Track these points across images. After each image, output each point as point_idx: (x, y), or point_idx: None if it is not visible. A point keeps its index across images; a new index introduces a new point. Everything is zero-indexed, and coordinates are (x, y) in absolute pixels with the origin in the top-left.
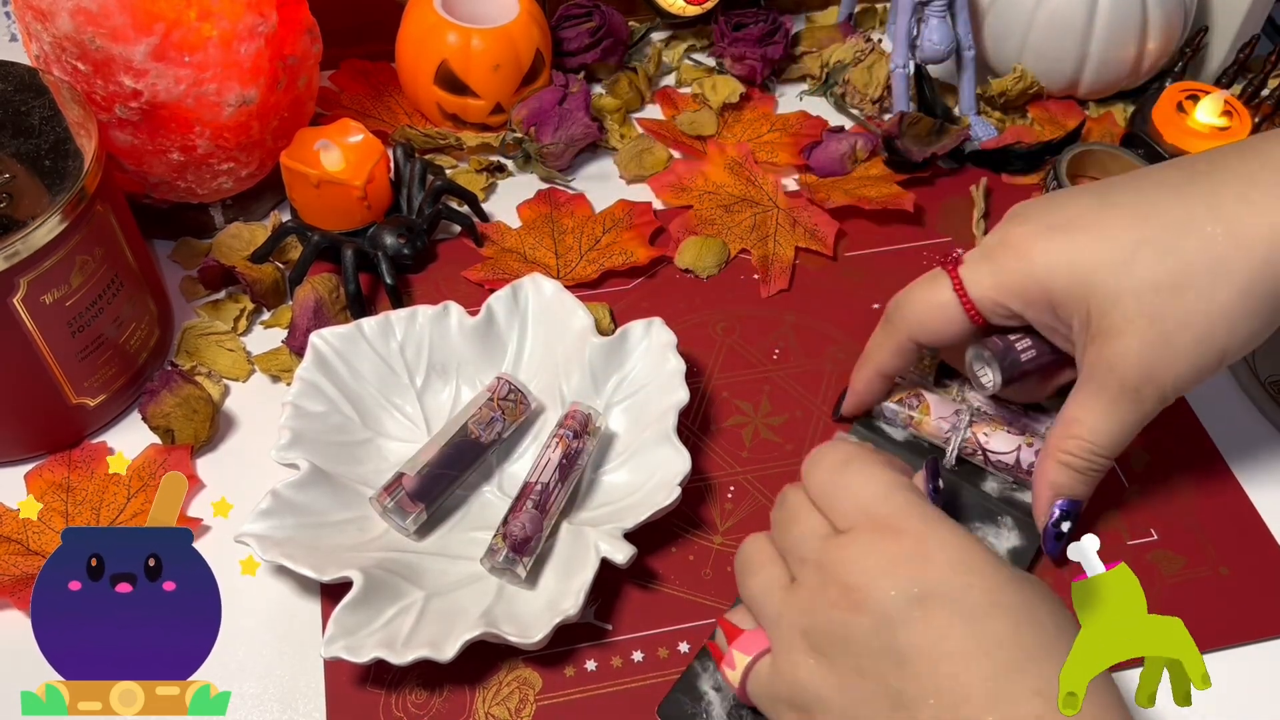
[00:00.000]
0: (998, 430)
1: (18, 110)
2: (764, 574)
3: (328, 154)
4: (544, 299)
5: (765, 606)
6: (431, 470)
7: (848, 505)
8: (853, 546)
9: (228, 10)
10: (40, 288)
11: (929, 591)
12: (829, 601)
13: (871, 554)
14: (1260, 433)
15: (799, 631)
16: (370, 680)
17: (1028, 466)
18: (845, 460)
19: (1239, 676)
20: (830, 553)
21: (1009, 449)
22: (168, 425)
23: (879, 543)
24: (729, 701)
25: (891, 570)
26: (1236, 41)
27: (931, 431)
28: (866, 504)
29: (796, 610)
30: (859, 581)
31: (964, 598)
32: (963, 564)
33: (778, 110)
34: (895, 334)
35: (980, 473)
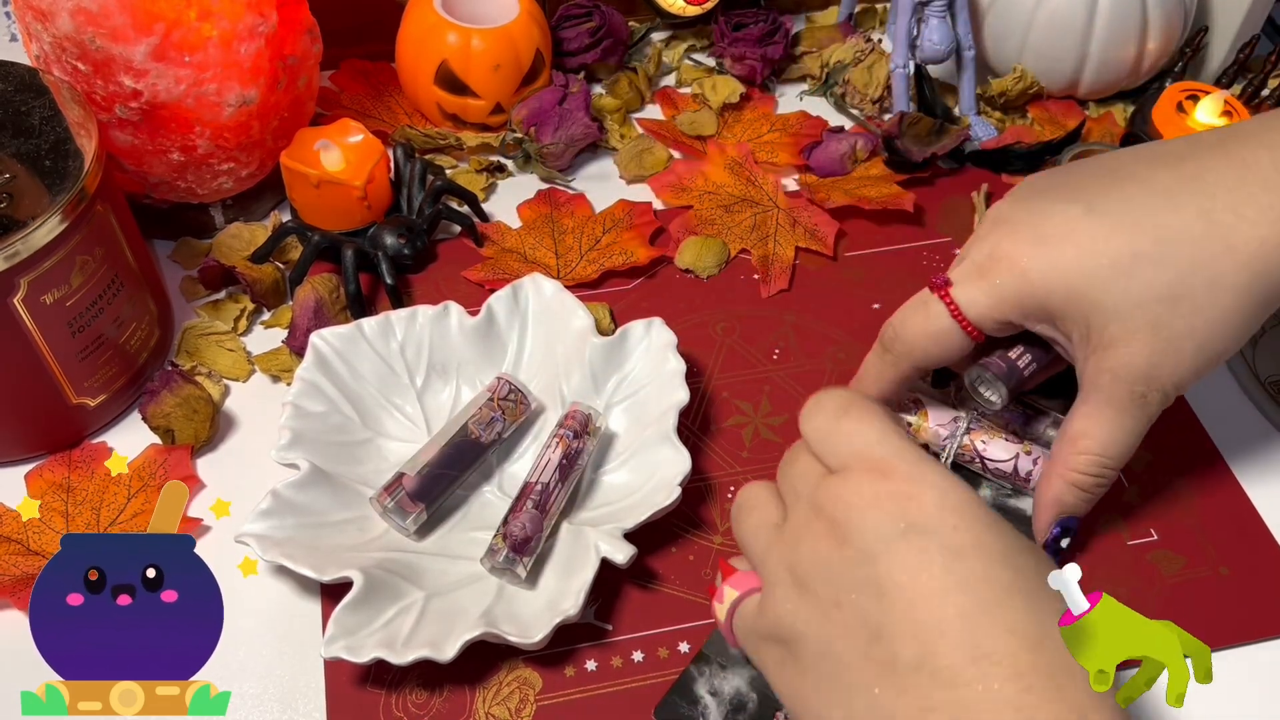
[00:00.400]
0: (995, 438)
1: (18, 110)
2: (757, 514)
3: (328, 154)
4: (544, 299)
5: (755, 544)
6: (431, 470)
7: (843, 449)
8: (844, 484)
9: (228, 10)
10: (40, 288)
11: (913, 526)
12: (815, 534)
13: (861, 491)
14: (1260, 433)
15: (785, 566)
16: (370, 680)
17: (1025, 474)
18: (843, 406)
19: (1239, 676)
20: (821, 490)
21: (1007, 457)
22: (168, 425)
23: (870, 481)
24: (725, 706)
25: (877, 505)
26: (1236, 41)
27: (929, 439)
28: (861, 447)
29: (784, 545)
30: (845, 515)
31: (948, 536)
32: (949, 505)
33: (778, 110)
34: (897, 364)
35: (975, 479)
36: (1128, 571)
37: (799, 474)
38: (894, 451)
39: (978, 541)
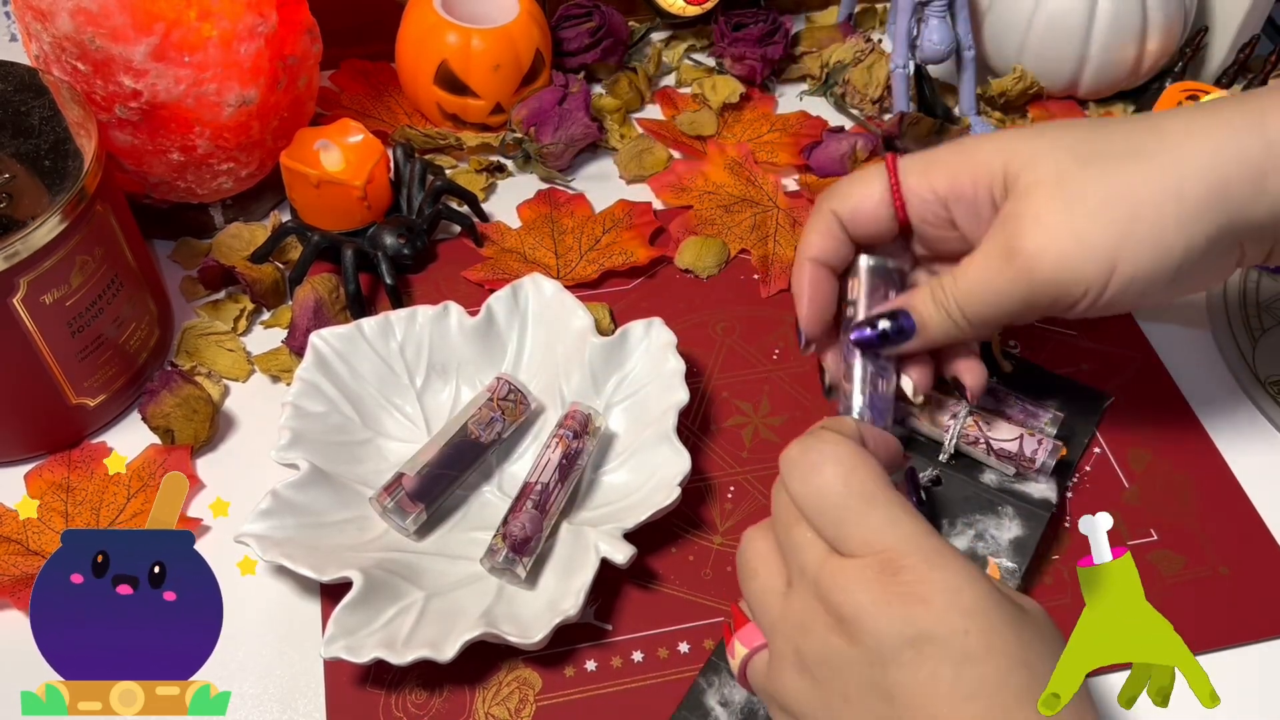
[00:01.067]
0: (997, 420)
1: (18, 110)
2: (761, 579)
3: (328, 154)
4: (544, 299)
5: (762, 613)
6: (431, 470)
7: (850, 532)
8: (850, 578)
9: (228, 10)
10: (40, 288)
11: (924, 634)
12: (823, 625)
13: (870, 587)
14: (1260, 433)
15: (792, 648)
16: (370, 680)
17: (1030, 454)
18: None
19: (1239, 676)
20: (827, 576)
21: (1011, 437)
22: (168, 425)
23: (878, 578)
24: (737, 715)
25: (888, 607)
26: (1236, 41)
27: (931, 421)
28: (869, 534)
29: (791, 625)
30: (854, 614)
31: (959, 642)
32: (962, 606)
33: (778, 110)
34: (821, 210)
35: (978, 465)
36: None
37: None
38: (903, 539)
39: (989, 646)
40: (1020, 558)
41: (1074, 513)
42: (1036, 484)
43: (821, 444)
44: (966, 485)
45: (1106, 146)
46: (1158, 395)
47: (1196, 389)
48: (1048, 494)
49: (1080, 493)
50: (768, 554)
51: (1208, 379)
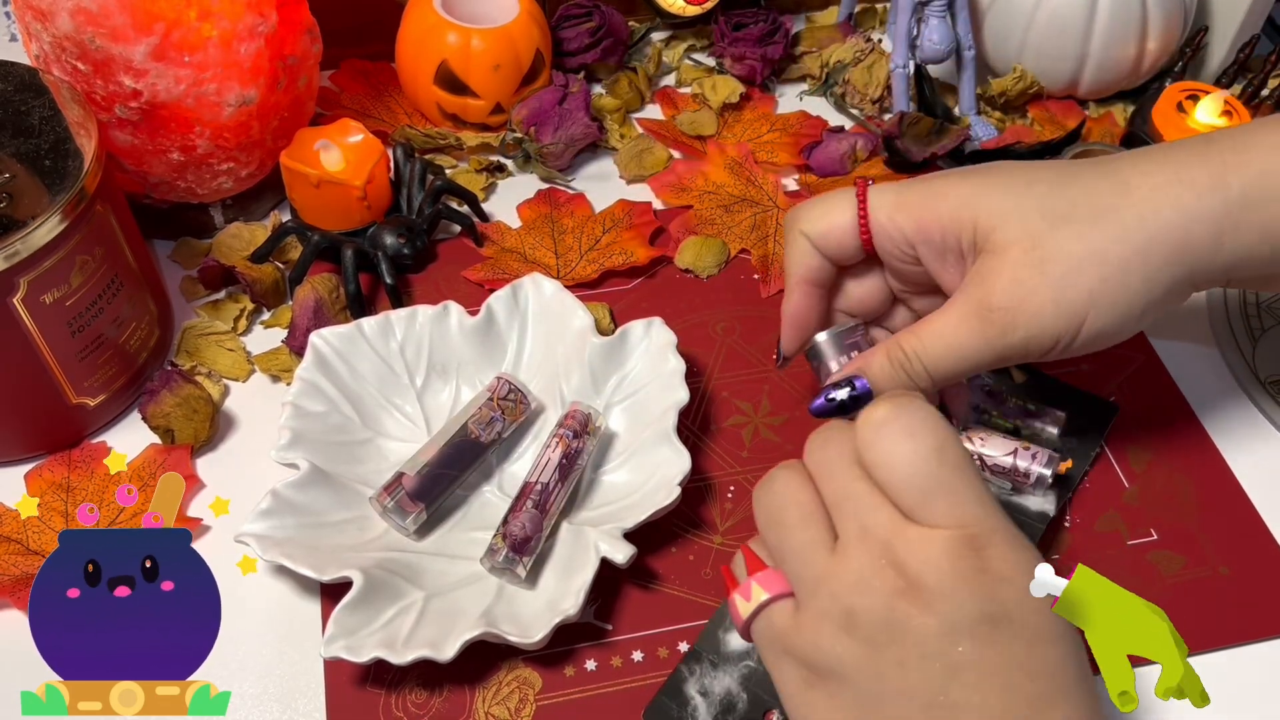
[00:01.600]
0: (992, 436)
1: (18, 110)
2: (806, 531)
3: (328, 154)
4: (544, 299)
5: (804, 566)
6: (431, 470)
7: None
8: (935, 546)
9: (228, 10)
10: (40, 288)
11: (1005, 613)
12: (891, 588)
13: (956, 560)
14: (1260, 433)
15: (843, 606)
16: (370, 680)
17: (1024, 470)
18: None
19: (1239, 676)
20: (906, 540)
21: (1005, 453)
22: (168, 425)
23: (965, 552)
24: (716, 706)
25: (973, 581)
26: (1236, 41)
27: None
28: (960, 512)
29: (846, 583)
30: (934, 581)
31: (1035, 622)
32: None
33: (778, 110)
34: (791, 231)
35: None
36: (1128, 571)
37: (869, 504)
38: (989, 517)
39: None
40: None
41: (1074, 514)
42: (1034, 497)
43: (915, 409)
44: None
45: (1074, 209)
46: (1158, 395)
47: (1197, 389)
48: (1045, 506)
49: (1080, 493)
50: (811, 505)
51: (1208, 379)
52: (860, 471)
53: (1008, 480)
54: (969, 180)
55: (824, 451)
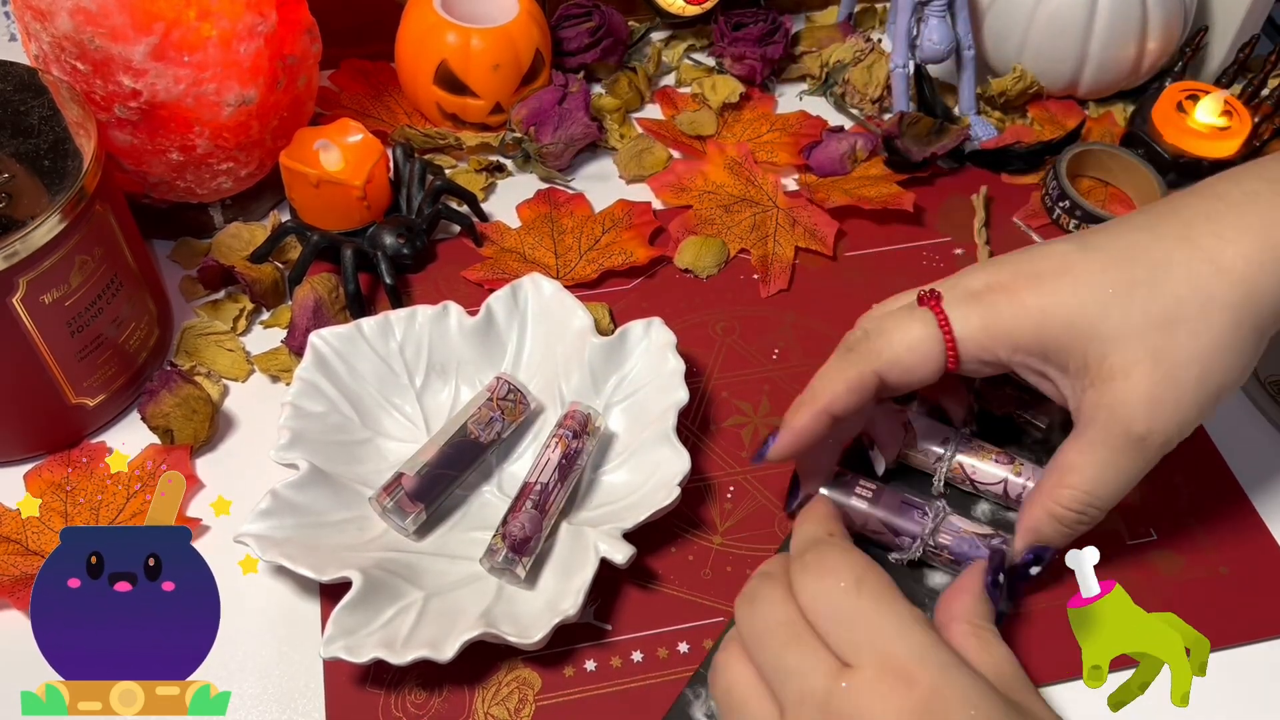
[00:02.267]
0: (985, 459)
1: (17, 110)
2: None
3: (327, 154)
4: (543, 299)
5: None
6: (431, 470)
7: (859, 636)
8: (861, 697)
9: (227, 10)
10: (40, 288)
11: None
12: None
13: (885, 709)
14: (1260, 433)
15: None
16: (370, 680)
17: (1015, 495)
18: (858, 580)
19: (1239, 676)
20: (836, 699)
21: (996, 479)
22: (167, 425)
23: (891, 693)
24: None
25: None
26: (1236, 41)
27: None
28: (881, 641)
29: None
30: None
31: None
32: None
33: (777, 110)
34: (859, 364)
35: (971, 498)
36: (1128, 571)
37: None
38: (917, 651)
39: None
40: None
41: None
42: None
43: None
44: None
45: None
46: None
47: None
48: None
49: None
50: (752, 683)
51: None
52: (790, 633)
53: (1000, 502)
54: (1066, 292)
55: (751, 622)
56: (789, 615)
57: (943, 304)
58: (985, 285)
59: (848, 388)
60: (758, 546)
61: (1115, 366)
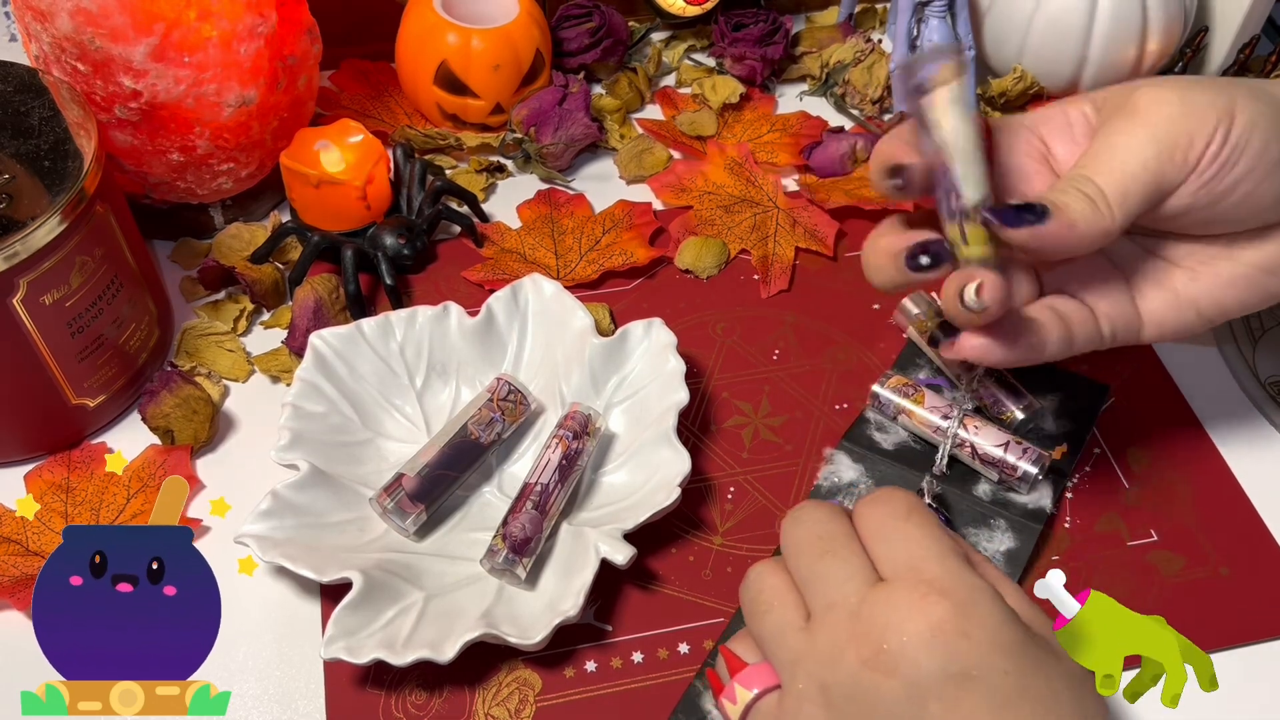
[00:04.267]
0: (987, 426)
1: (17, 110)
2: (778, 613)
3: (327, 154)
4: (544, 299)
5: (780, 649)
6: (431, 471)
7: (900, 552)
8: (892, 604)
9: (227, 10)
10: (40, 288)
11: (966, 671)
12: (859, 658)
13: (913, 617)
14: (1260, 433)
15: (817, 683)
16: (370, 681)
17: (1013, 465)
18: (910, 509)
19: (1239, 676)
20: (867, 605)
21: (997, 443)
22: (167, 426)
23: (920, 604)
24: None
25: (932, 641)
26: (1236, 41)
27: (921, 421)
28: (919, 558)
29: (818, 660)
30: (895, 645)
31: (997, 682)
32: (1002, 645)
33: (778, 110)
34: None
35: (973, 476)
36: (1128, 571)
37: (841, 574)
38: (952, 574)
39: (1025, 688)
40: (1012, 569)
41: (1074, 514)
42: (1030, 494)
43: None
44: (960, 499)
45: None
46: (1158, 395)
47: (1196, 389)
48: (1042, 503)
49: (1080, 493)
50: (783, 589)
51: (1208, 379)
52: (830, 544)
53: (996, 471)
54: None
55: (794, 533)
56: (833, 530)
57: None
58: None
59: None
60: (758, 547)
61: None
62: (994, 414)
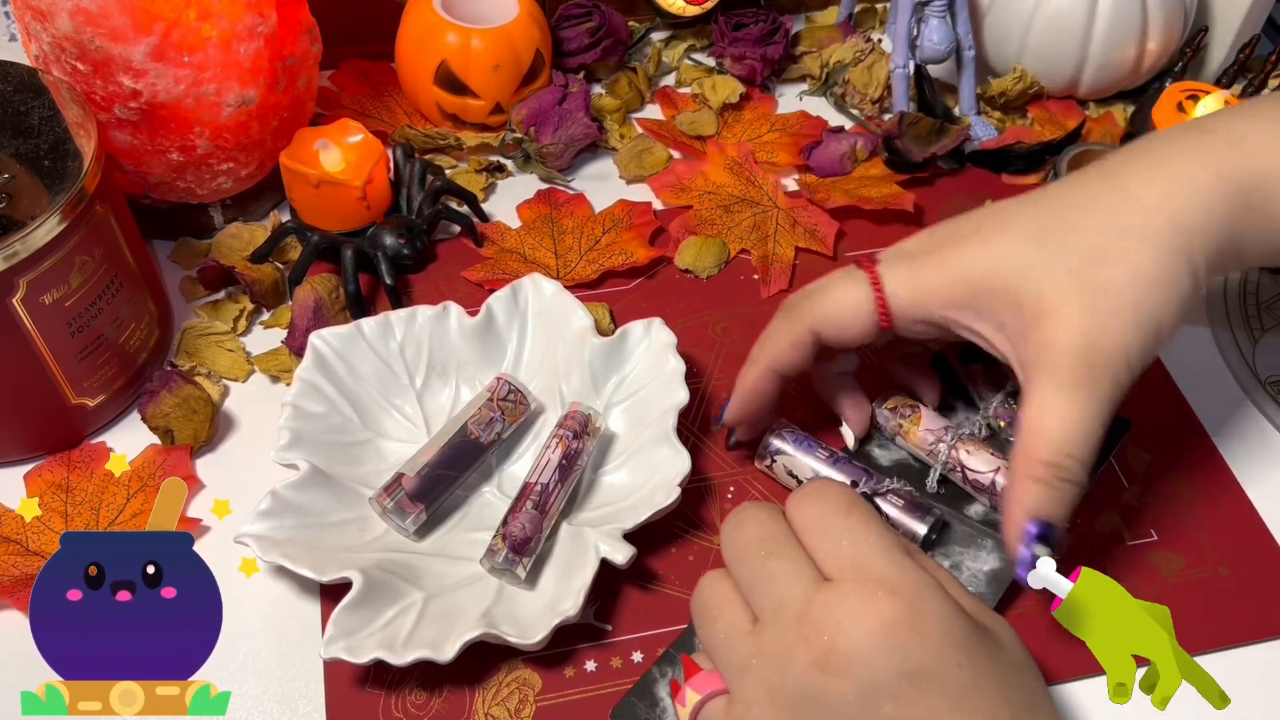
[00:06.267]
0: (980, 451)
1: (17, 110)
2: (725, 619)
3: (327, 154)
4: (544, 299)
5: (728, 654)
6: (431, 471)
7: (844, 550)
8: (842, 604)
9: (227, 10)
10: (40, 288)
11: (919, 669)
12: (808, 660)
13: (863, 618)
14: (1260, 433)
15: (766, 687)
16: (370, 681)
17: (1001, 489)
18: (850, 504)
19: (1239, 676)
20: (816, 607)
21: (986, 469)
22: (167, 425)
23: (871, 604)
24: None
25: (883, 641)
26: (1236, 41)
27: (916, 442)
28: (865, 555)
29: (766, 663)
30: (846, 646)
31: (953, 677)
32: (954, 640)
33: (778, 110)
34: (795, 324)
35: (965, 497)
36: (1128, 571)
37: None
38: (899, 570)
39: (977, 680)
40: (994, 589)
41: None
42: None
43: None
44: (950, 519)
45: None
46: (1158, 395)
47: (1196, 389)
48: None
49: None
50: (729, 594)
51: (1208, 379)
52: (773, 546)
53: (986, 496)
54: (988, 245)
55: (736, 537)
56: (774, 531)
57: (877, 267)
58: (919, 248)
59: (789, 343)
60: None
61: (1048, 306)
62: (1008, 435)
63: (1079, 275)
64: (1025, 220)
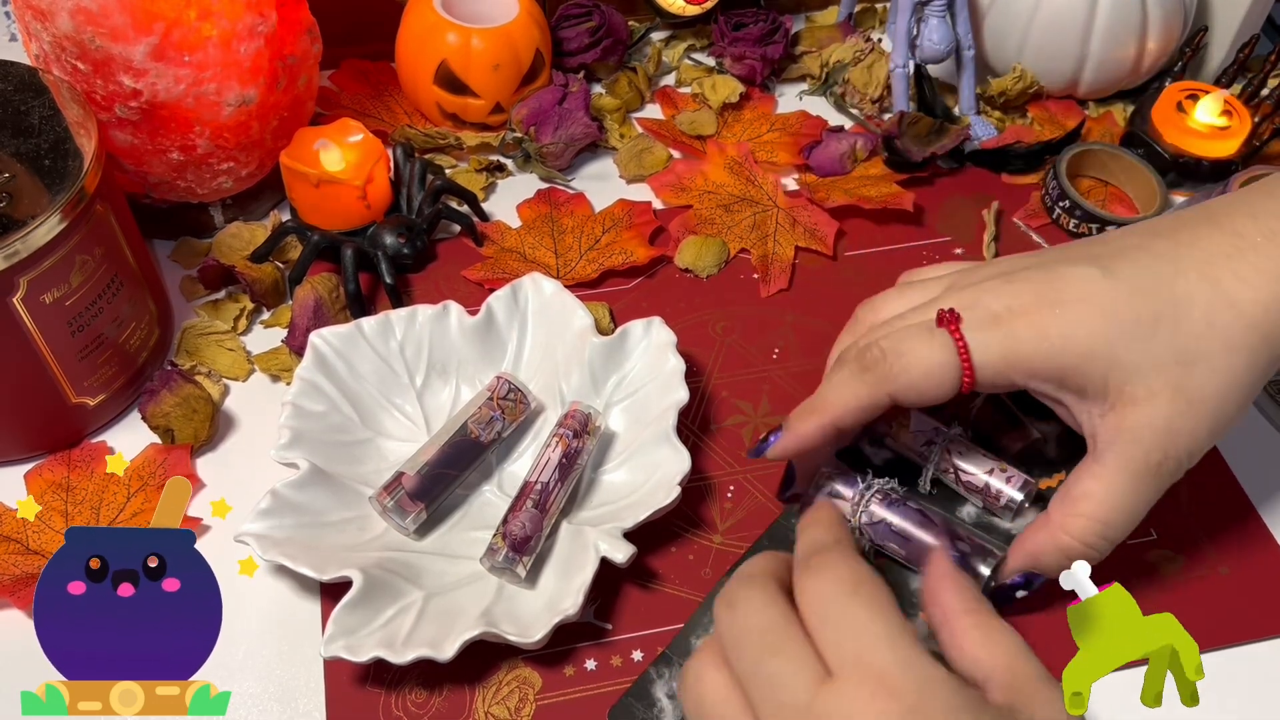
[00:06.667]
0: (972, 452)
1: (18, 110)
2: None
3: (327, 154)
4: (544, 298)
5: None
6: (431, 470)
7: (847, 642)
8: (844, 707)
9: (227, 10)
10: (40, 287)
11: None
12: None
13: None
14: (1260, 433)
15: None
16: (370, 680)
17: (995, 492)
18: (857, 582)
19: (1239, 676)
20: (820, 705)
21: (981, 472)
22: (167, 425)
23: (874, 702)
24: (682, 711)
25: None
26: (1236, 41)
27: (907, 444)
28: (867, 647)
29: None
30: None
31: None
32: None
33: (777, 110)
34: (874, 388)
35: (957, 499)
36: (1128, 571)
37: (784, 675)
38: (902, 663)
39: None
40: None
41: None
42: (1015, 522)
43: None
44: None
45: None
46: None
47: None
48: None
49: None
50: (727, 689)
51: None
52: (772, 639)
53: (980, 498)
54: (1084, 324)
55: (731, 626)
56: (772, 620)
57: (962, 328)
58: (1006, 309)
59: (859, 405)
60: None
61: (1137, 394)
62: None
63: (1169, 374)
64: (1130, 300)
